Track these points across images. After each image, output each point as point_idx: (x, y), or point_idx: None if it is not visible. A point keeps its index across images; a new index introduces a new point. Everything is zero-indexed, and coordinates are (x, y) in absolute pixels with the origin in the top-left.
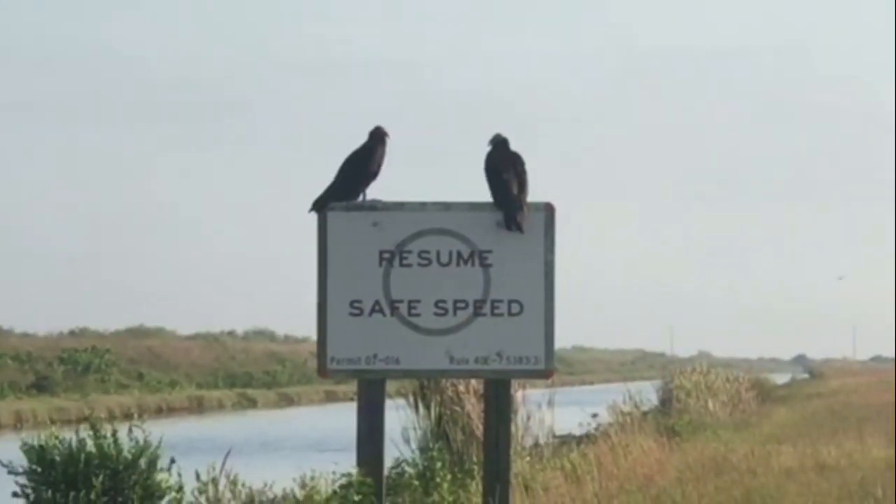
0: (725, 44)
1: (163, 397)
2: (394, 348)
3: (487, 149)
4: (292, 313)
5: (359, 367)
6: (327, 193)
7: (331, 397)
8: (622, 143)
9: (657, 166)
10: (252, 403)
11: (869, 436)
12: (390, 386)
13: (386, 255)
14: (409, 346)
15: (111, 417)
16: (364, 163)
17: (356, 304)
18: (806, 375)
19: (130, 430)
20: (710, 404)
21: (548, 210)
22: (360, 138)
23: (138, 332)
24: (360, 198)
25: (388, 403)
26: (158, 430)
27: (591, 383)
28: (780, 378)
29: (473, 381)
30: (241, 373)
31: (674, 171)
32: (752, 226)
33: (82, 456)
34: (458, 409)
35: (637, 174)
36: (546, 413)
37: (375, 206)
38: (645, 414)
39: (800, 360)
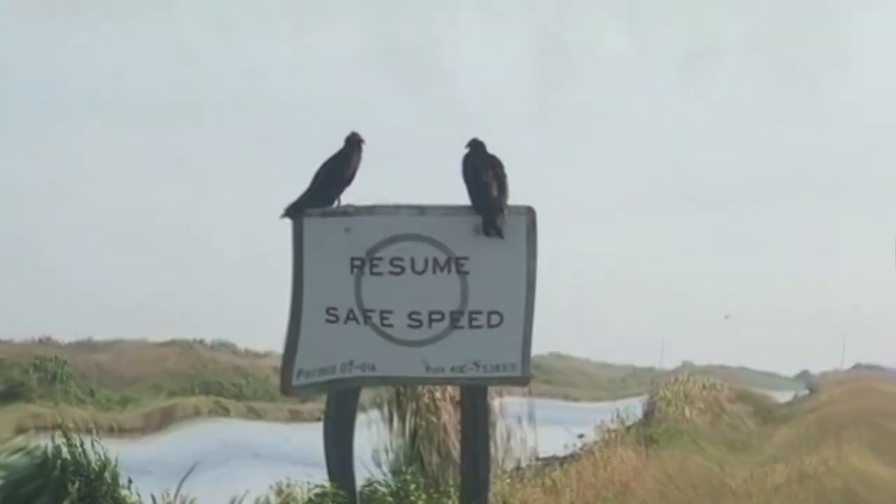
0: (703, 44)
1: (114, 416)
2: (369, 355)
3: (464, 152)
4: (253, 328)
5: (333, 376)
6: (302, 199)
7: (295, 416)
8: (608, 146)
9: (642, 171)
10: (226, 412)
11: (845, 442)
12: (364, 395)
13: (357, 263)
14: (384, 355)
15: (77, 430)
16: (339, 168)
17: (332, 311)
18: (807, 392)
19: (92, 444)
20: (687, 411)
21: (529, 214)
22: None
23: (90, 346)
24: (335, 203)
25: (360, 418)
26: (116, 448)
27: (577, 399)
28: (783, 396)
29: (450, 389)
30: (213, 381)
31: (657, 175)
32: (736, 232)
33: (58, 463)
34: (434, 419)
35: (624, 177)
36: (528, 432)
37: (348, 210)
38: (629, 428)
39: (803, 376)
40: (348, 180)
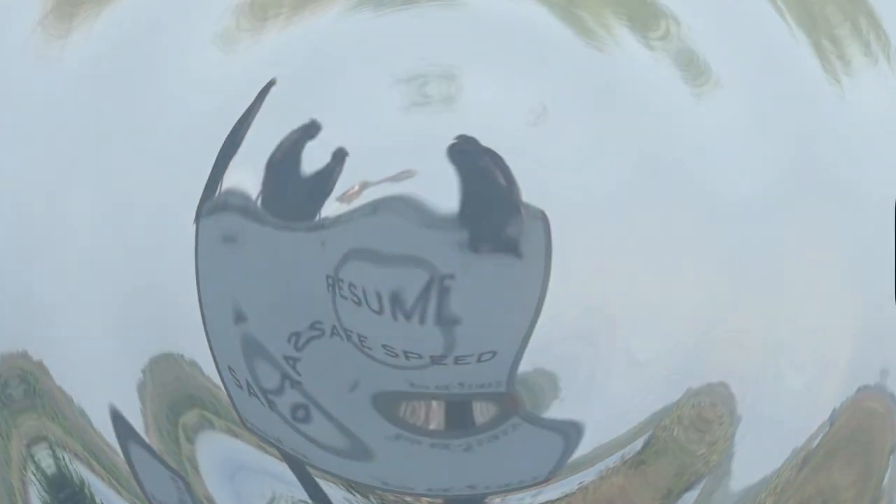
0: None
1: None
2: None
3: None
4: None
5: None
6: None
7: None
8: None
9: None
10: (211, 424)
11: None
12: None
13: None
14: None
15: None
16: (228, 136)
17: None
18: None
19: (70, 460)
20: (676, 431)
21: (545, 220)
22: None
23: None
24: (217, 190)
25: None
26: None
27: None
28: None
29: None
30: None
31: None
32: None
33: (48, 472)
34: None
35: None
36: None
37: (227, 205)
38: (626, 461)
39: None
40: (235, 145)
